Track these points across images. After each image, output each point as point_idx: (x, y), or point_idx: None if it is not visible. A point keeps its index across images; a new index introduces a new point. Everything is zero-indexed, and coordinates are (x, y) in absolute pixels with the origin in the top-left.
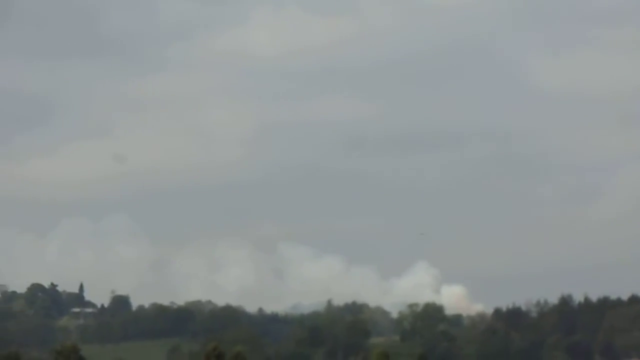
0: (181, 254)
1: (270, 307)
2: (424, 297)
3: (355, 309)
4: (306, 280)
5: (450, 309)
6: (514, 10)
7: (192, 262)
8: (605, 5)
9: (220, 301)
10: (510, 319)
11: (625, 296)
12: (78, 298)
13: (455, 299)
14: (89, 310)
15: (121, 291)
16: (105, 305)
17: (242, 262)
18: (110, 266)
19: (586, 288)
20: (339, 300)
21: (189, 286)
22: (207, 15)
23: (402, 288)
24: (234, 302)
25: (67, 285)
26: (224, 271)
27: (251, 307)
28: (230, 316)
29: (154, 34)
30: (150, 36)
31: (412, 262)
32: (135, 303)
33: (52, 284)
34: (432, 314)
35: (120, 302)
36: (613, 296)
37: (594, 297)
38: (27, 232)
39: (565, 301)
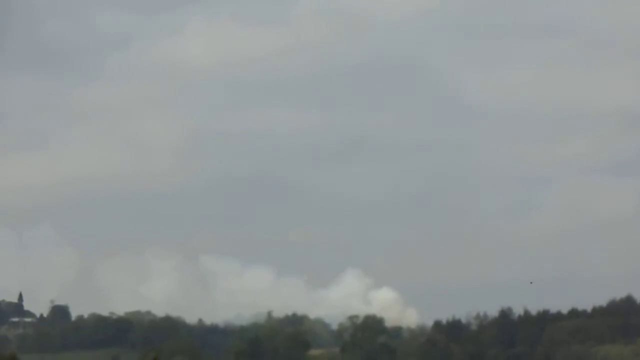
0: (108, 265)
1: (199, 319)
2: (355, 306)
3: (295, 321)
4: (235, 292)
5: (382, 314)
6: (449, 26)
7: (119, 272)
8: (540, 21)
9: (157, 311)
10: (450, 331)
11: (565, 310)
12: (17, 307)
13: (386, 304)
14: (28, 319)
15: (47, 300)
16: (45, 314)
17: (170, 273)
18: (37, 276)
19: (526, 301)
20: (274, 312)
21: (117, 296)
22: (143, 26)
23: (333, 298)
24: (161, 313)
25: (5, 295)
26: (152, 282)
27: (188, 319)
28: (169, 327)
29: (91, 45)
30: (87, 47)
31: (343, 272)
32: (74, 313)
33: None
34: (372, 325)
35: (60, 312)
36: (553, 309)
37: (533, 311)
38: None
39: (505, 314)
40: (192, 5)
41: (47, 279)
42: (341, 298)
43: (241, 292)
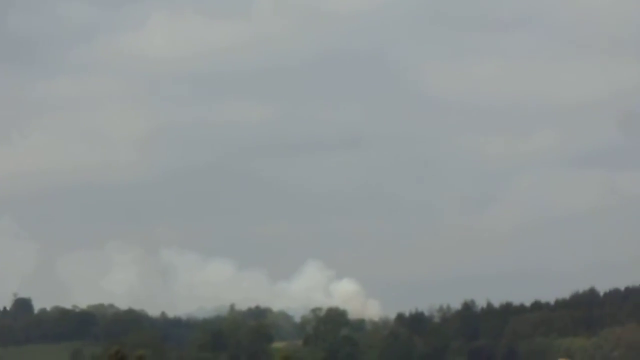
0: (70, 258)
1: (162, 312)
2: (317, 298)
3: (258, 314)
4: (197, 285)
5: (343, 306)
6: (410, 19)
7: (81, 265)
8: (503, 14)
9: (119, 304)
10: (413, 323)
11: (528, 302)
12: None
13: (347, 296)
14: None
15: (10, 293)
16: (8, 308)
17: (131, 267)
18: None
19: (489, 294)
20: (237, 305)
21: (79, 289)
22: (107, 19)
23: (294, 290)
24: (123, 306)
25: None
26: (113, 275)
27: (150, 312)
28: (132, 320)
29: (55, 37)
30: (51, 39)
31: (304, 265)
32: (37, 306)
33: None
34: (334, 318)
35: (22, 305)
36: (516, 302)
37: (496, 303)
38: None
39: (468, 307)
40: None
41: (9, 272)
42: (303, 290)
43: (202, 285)
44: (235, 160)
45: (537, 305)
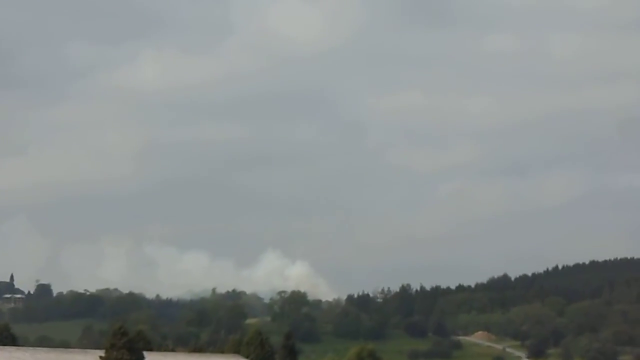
0: (76, 251)
1: (157, 294)
2: (275, 281)
3: (234, 296)
4: (177, 272)
5: (298, 287)
6: (355, 60)
7: (84, 257)
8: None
9: (121, 288)
10: (360, 303)
11: (453, 285)
12: (9, 286)
13: (300, 278)
14: (18, 296)
15: (33, 280)
16: (31, 292)
17: (124, 258)
18: (23, 260)
19: (421, 279)
20: (217, 289)
21: (84, 276)
22: (103, 57)
23: (258, 275)
24: (125, 290)
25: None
26: (107, 265)
27: (148, 295)
28: (132, 301)
29: (61, 71)
30: (59, 72)
31: (265, 253)
32: (55, 290)
33: None
34: (297, 299)
35: (43, 289)
36: (443, 285)
37: (428, 286)
38: None
39: (405, 289)
40: (144, 39)
41: (26, 262)
42: (264, 275)
43: (182, 273)
44: (210, 171)
45: (460, 288)
